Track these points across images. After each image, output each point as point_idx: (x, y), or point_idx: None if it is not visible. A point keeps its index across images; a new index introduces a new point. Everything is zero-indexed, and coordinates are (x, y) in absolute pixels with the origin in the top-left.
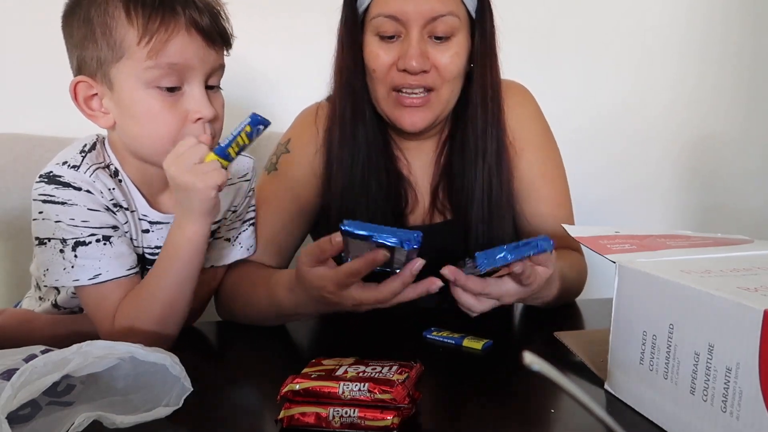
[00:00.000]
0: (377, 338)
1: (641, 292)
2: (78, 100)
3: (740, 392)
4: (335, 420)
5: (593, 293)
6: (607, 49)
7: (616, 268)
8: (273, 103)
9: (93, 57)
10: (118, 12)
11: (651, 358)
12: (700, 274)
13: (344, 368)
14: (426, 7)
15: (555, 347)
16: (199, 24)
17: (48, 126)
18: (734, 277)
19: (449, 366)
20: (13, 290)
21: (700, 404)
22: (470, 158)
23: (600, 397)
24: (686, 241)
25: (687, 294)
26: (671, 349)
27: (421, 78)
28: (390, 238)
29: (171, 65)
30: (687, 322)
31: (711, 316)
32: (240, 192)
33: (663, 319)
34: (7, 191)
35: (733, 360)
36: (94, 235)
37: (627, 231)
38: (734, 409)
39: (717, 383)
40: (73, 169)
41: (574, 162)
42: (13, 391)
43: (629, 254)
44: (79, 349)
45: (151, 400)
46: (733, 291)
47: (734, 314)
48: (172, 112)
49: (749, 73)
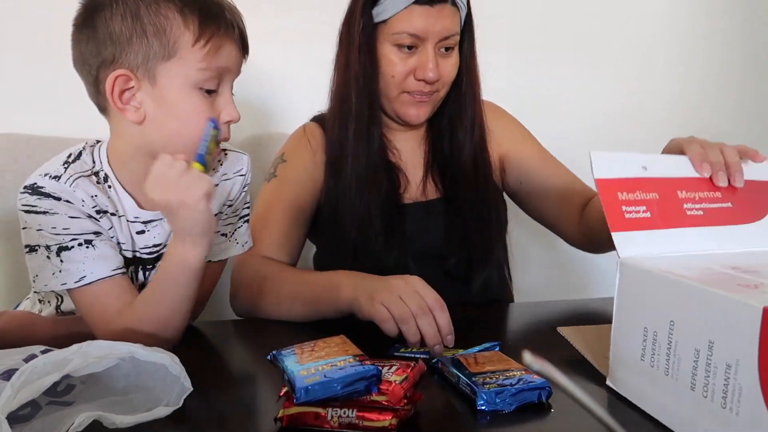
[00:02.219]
0: (379, 338)
1: (642, 289)
2: (113, 92)
3: (740, 389)
4: (334, 420)
5: (595, 293)
6: (607, 55)
7: (617, 265)
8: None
9: (139, 52)
10: (172, 14)
11: (652, 354)
12: (701, 270)
13: None
14: (441, 27)
15: (554, 347)
16: (243, 33)
17: (48, 126)
18: (735, 274)
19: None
20: (12, 291)
21: (700, 400)
22: (459, 142)
23: (602, 396)
24: (704, 204)
25: (687, 291)
26: (672, 346)
27: (432, 85)
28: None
29: (219, 68)
30: (687, 319)
31: (711, 313)
32: (235, 186)
33: (664, 316)
34: (7, 191)
35: (733, 357)
36: (75, 239)
37: (654, 169)
38: (734, 406)
39: (717, 380)
40: (54, 179)
41: (574, 166)
42: (13, 391)
43: (637, 233)
44: (79, 349)
45: (151, 400)
46: (733, 288)
47: (734, 311)
48: (211, 112)
49: (750, 78)
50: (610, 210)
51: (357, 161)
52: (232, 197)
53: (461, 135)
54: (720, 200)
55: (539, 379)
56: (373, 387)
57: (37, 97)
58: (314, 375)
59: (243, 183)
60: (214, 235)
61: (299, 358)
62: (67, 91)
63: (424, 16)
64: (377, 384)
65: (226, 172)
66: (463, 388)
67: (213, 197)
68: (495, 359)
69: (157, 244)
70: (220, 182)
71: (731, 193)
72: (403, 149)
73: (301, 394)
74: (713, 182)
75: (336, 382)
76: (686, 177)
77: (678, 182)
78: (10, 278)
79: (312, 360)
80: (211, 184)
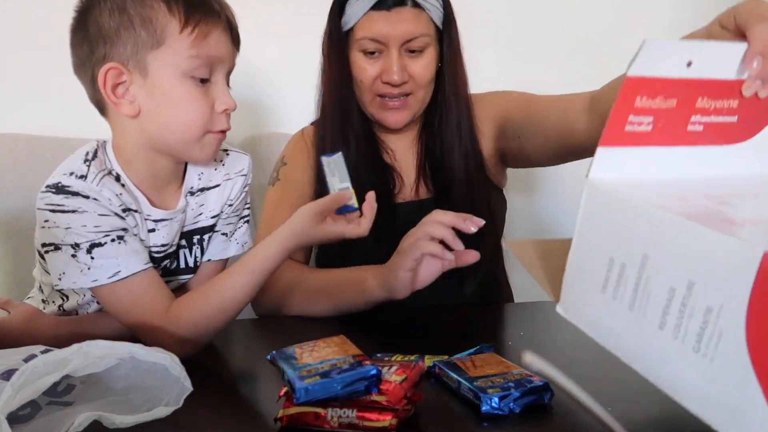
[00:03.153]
0: (381, 338)
1: (612, 216)
2: (106, 87)
3: (719, 334)
4: (333, 420)
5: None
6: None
7: (586, 184)
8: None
9: (127, 44)
10: (157, 4)
11: (616, 287)
12: (681, 200)
13: None
14: (402, 31)
15: (553, 347)
16: (232, 23)
17: (48, 126)
18: (714, 205)
19: None
20: (12, 290)
21: (668, 340)
22: (447, 144)
23: (602, 396)
24: (711, 118)
25: (669, 225)
26: (641, 282)
27: (400, 87)
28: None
29: (209, 57)
30: (664, 255)
31: (696, 251)
32: (236, 186)
33: (635, 249)
34: (7, 191)
35: (717, 300)
36: (108, 235)
37: (699, 65)
38: (709, 351)
39: (692, 322)
40: (81, 179)
41: (573, 165)
42: (13, 391)
43: (621, 150)
44: (79, 349)
45: (151, 400)
46: (718, 224)
47: (725, 252)
48: (204, 102)
49: None
50: (615, 118)
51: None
52: (232, 197)
53: (449, 136)
54: (730, 112)
55: (540, 381)
56: (373, 387)
57: (37, 97)
58: (314, 375)
59: (244, 183)
60: (215, 234)
61: (299, 358)
62: (67, 91)
63: (383, 21)
64: (377, 384)
65: (228, 171)
66: (465, 393)
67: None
68: (492, 362)
69: (164, 243)
70: (222, 182)
71: (749, 105)
72: (397, 149)
73: (301, 394)
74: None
75: (336, 382)
76: (716, 79)
77: (704, 85)
78: (10, 278)
79: (312, 360)
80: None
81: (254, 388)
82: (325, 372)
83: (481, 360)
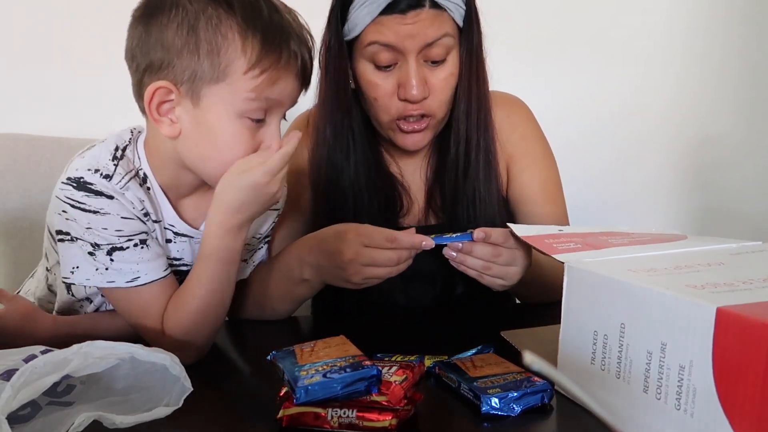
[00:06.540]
0: (381, 338)
1: (591, 292)
2: (151, 103)
3: (694, 390)
4: (333, 420)
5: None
6: (609, 52)
7: (565, 268)
8: None
9: (187, 68)
10: (231, 34)
11: (603, 357)
12: (647, 272)
13: None
14: (422, 34)
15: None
16: (307, 70)
17: (48, 126)
18: (678, 275)
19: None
20: (12, 291)
21: (653, 402)
22: (459, 169)
23: None
24: (626, 238)
25: (637, 293)
26: (623, 349)
27: (420, 105)
28: None
29: (269, 100)
30: (638, 321)
31: (663, 314)
32: (268, 220)
33: (614, 319)
34: (7, 191)
35: (686, 358)
36: (130, 240)
37: (569, 230)
38: (688, 407)
39: (670, 382)
40: (105, 179)
41: (575, 166)
42: (13, 391)
43: (575, 253)
44: (79, 350)
45: (151, 400)
46: (681, 289)
47: (687, 312)
48: (250, 144)
49: (752, 75)
50: (542, 246)
51: (332, 185)
52: (262, 231)
53: (464, 154)
54: (643, 240)
55: (541, 382)
56: (373, 387)
57: (37, 97)
58: (314, 375)
59: (276, 216)
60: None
61: (299, 358)
62: (67, 91)
63: (398, 26)
64: (377, 384)
65: None
66: (465, 393)
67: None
68: (492, 362)
69: (177, 258)
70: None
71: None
72: (405, 169)
73: (301, 394)
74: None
75: (336, 382)
76: (604, 231)
77: (597, 233)
78: (10, 278)
79: (312, 360)
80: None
81: (254, 388)
82: (325, 372)
83: (481, 360)
